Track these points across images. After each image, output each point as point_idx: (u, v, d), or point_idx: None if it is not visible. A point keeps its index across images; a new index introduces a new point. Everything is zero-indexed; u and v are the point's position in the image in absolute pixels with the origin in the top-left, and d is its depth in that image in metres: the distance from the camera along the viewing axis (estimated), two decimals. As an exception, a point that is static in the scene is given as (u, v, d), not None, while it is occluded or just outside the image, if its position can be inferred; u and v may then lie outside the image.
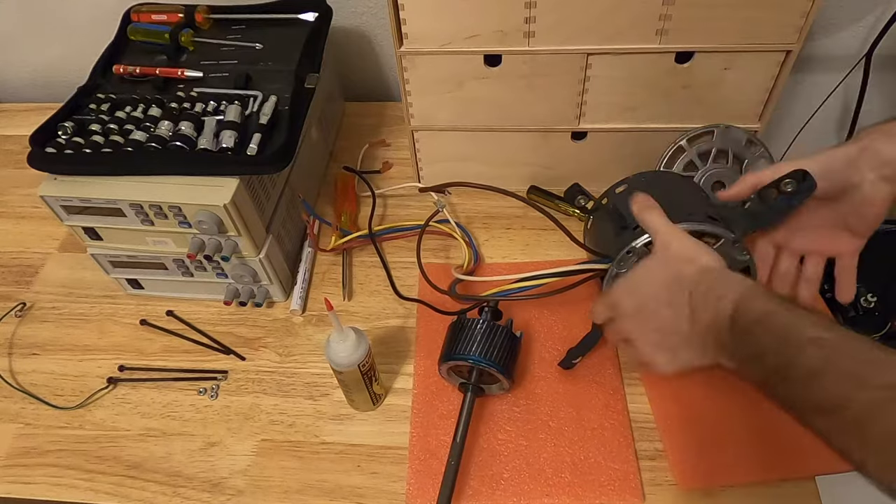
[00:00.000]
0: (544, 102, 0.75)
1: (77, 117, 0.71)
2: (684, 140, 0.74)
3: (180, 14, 0.81)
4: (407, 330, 0.73)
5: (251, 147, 0.65)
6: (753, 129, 0.75)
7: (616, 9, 0.65)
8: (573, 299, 0.68)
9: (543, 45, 0.69)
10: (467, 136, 0.81)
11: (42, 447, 0.67)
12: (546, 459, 0.62)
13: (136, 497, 0.62)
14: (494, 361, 0.61)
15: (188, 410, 0.69)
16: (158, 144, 0.66)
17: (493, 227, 0.83)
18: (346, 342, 0.59)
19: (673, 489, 0.60)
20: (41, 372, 0.73)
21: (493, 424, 0.65)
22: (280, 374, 0.71)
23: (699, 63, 0.70)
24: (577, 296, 0.66)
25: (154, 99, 0.72)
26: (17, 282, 0.83)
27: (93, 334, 0.76)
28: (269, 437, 0.66)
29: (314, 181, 0.88)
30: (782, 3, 0.64)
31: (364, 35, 0.99)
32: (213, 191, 0.64)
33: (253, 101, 0.71)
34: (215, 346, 0.73)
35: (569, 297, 0.66)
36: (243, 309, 0.77)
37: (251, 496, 0.62)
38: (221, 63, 0.77)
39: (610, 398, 0.66)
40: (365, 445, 0.65)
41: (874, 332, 0.88)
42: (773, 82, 0.71)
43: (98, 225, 0.69)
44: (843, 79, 0.88)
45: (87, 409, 0.70)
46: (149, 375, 0.72)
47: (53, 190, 0.66)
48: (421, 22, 0.69)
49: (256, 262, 0.71)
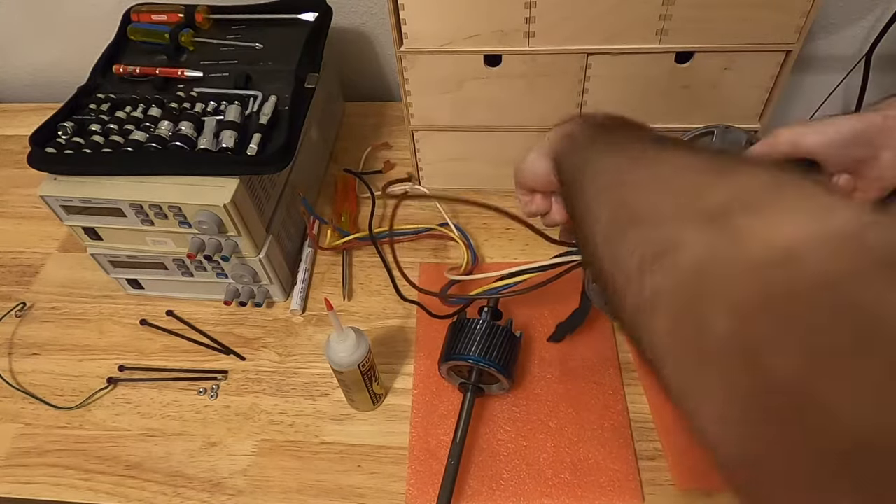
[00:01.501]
0: (544, 102, 0.75)
1: (77, 117, 0.71)
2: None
3: (180, 14, 0.81)
4: (407, 330, 0.73)
5: (251, 147, 0.65)
6: (753, 129, 0.75)
7: (616, 9, 0.65)
8: (574, 299, 0.68)
9: (543, 45, 0.69)
10: (467, 136, 0.81)
11: (42, 447, 0.67)
12: (546, 460, 0.62)
13: (136, 497, 0.62)
14: (494, 361, 0.61)
15: (188, 410, 0.69)
16: (158, 144, 0.66)
17: (492, 227, 0.83)
18: (346, 342, 0.59)
19: (672, 489, 0.60)
20: (41, 372, 0.73)
21: (492, 425, 0.65)
22: (280, 374, 0.71)
23: (699, 63, 0.70)
24: (578, 295, 0.66)
25: (154, 99, 0.72)
26: (17, 282, 0.83)
27: (93, 334, 0.76)
28: (269, 437, 0.66)
29: (314, 181, 0.88)
30: (782, 3, 0.63)
31: (364, 35, 0.99)
32: (213, 191, 0.64)
33: (253, 101, 0.71)
34: (215, 346, 0.73)
35: (569, 297, 0.66)
36: (243, 309, 0.77)
37: (251, 496, 0.62)
38: (221, 63, 0.77)
39: (610, 399, 0.66)
40: (365, 445, 0.65)
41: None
42: (773, 82, 0.71)
43: (98, 225, 0.69)
44: (843, 79, 0.88)
45: (87, 409, 0.70)
46: (149, 375, 0.72)
47: (53, 190, 0.66)
48: (421, 22, 0.69)
49: (256, 262, 0.71)
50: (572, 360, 0.69)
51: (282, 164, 0.66)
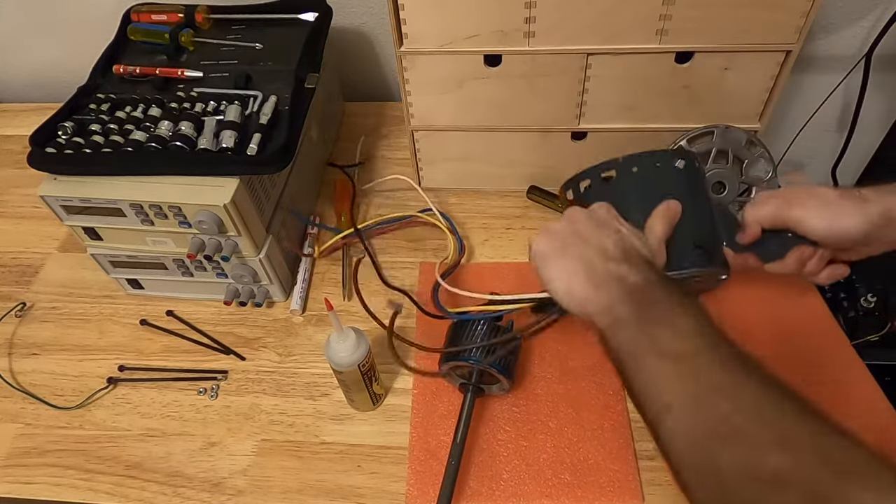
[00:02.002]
0: (544, 102, 0.75)
1: (77, 117, 0.71)
2: (684, 140, 0.74)
3: (180, 14, 0.81)
4: (407, 330, 0.73)
5: (251, 147, 0.65)
6: (753, 129, 0.75)
7: (616, 9, 0.65)
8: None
9: (543, 45, 0.69)
10: (467, 136, 0.81)
11: (42, 447, 0.67)
12: (546, 460, 0.62)
13: (136, 497, 0.62)
14: (495, 362, 0.61)
15: (188, 410, 0.69)
16: (158, 144, 0.66)
17: (492, 228, 0.83)
18: (346, 342, 0.59)
19: (672, 489, 0.60)
20: (41, 372, 0.73)
21: (492, 425, 0.65)
22: (280, 374, 0.71)
23: (699, 63, 0.70)
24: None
25: (154, 99, 0.72)
26: (17, 282, 0.83)
27: (93, 334, 0.76)
28: (269, 437, 0.66)
29: (314, 181, 0.88)
30: (782, 3, 0.63)
31: (364, 35, 0.99)
32: (213, 191, 0.64)
33: (253, 101, 0.71)
34: (215, 346, 0.73)
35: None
36: (243, 309, 0.77)
37: (251, 496, 0.62)
38: (221, 63, 0.77)
39: (610, 399, 0.66)
40: (365, 445, 0.65)
41: (874, 333, 0.88)
42: (773, 82, 0.71)
43: (98, 225, 0.69)
44: (843, 79, 0.88)
45: (87, 409, 0.70)
46: (149, 375, 0.72)
47: (53, 190, 0.66)
48: (421, 22, 0.69)
49: (256, 262, 0.71)
50: (572, 361, 0.69)
51: (282, 164, 0.66)
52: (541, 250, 0.51)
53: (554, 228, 0.52)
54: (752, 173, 0.74)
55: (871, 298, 0.89)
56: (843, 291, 0.91)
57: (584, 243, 0.49)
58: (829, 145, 0.99)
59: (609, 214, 0.52)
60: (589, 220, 0.51)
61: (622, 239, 0.49)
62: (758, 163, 0.73)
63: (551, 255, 0.50)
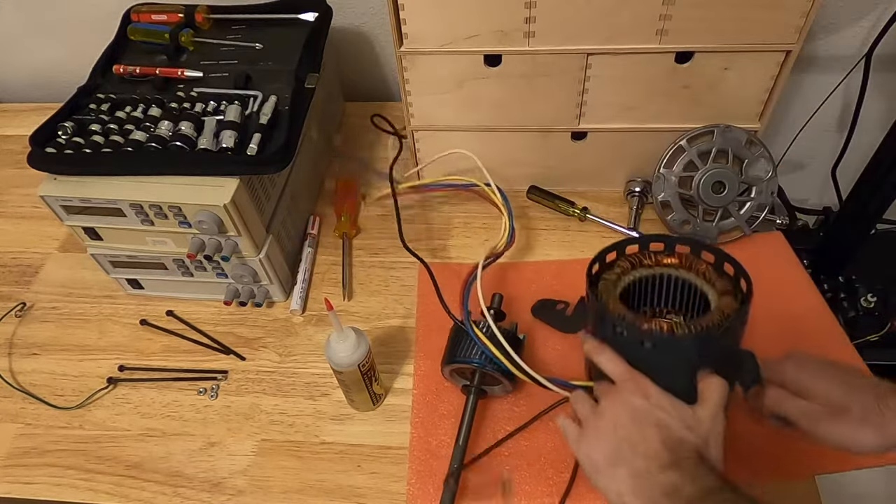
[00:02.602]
0: (544, 102, 0.75)
1: (77, 117, 0.71)
2: (684, 140, 0.74)
3: (180, 14, 0.81)
4: (407, 330, 0.73)
5: (251, 147, 0.65)
6: (753, 129, 0.75)
7: (616, 9, 0.65)
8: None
9: (543, 45, 0.69)
10: (467, 136, 0.81)
11: (42, 447, 0.67)
12: (547, 460, 0.62)
13: (136, 497, 0.62)
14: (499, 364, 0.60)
15: (188, 410, 0.69)
16: (158, 144, 0.66)
17: (492, 228, 0.83)
18: (346, 342, 0.59)
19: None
20: (41, 372, 0.73)
21: (494, 425, 0.65)
22: (280, 374, 0.71)
23: (699, 63, 0.70)
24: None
25: (154, 99, 0.72)
26: (17, 282, 0.83)
27: (93, 334, 0.76)
28: (269, 437, 0.66)
29: (314, 181, 0.88)
30: (782, 3, 0.64)
31: (364, 35, 0.99)
32: (213, 191, 0.64)
33: (253, 101, 0.71)
34: (215, 346, 0.73)
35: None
36: (243, 309, 0.77)
37: (251, 496, 0.62)
38: (221, 63, 0.77)
39: (610, 398, 0.66)
40: (365, 445, 0.65)
41: (874, 333, 0.88)
42: (773, 82, 0.71)
43: (98, 225, 0.69)
44: (843, 79, 0.88)
45: (87, 409, 0.70)
46: (149, 375, 0.72)
47: (53, 190, 0.66)
48: (421, 22, 0.69)
49: (256, 262, 0.71)
50: (573, 361, 0.69)
51: (282, 164, 0.66)
52: (592, 460, 0.49)
53: (598, 429, 0.49)
54: (751, 173, 0.74)
55: (871, 298, 0.89)
56: (843, 291, 0.90)
57: (632, 451, 0.47)
58: (829, 145, 0.99)
59: (648, 402, 0.48)
60: (631, 419, 0.48)
61: (670, 434, 0.46)
62: (758, 162, 0.74)
63: (602, 465, 0.48)
